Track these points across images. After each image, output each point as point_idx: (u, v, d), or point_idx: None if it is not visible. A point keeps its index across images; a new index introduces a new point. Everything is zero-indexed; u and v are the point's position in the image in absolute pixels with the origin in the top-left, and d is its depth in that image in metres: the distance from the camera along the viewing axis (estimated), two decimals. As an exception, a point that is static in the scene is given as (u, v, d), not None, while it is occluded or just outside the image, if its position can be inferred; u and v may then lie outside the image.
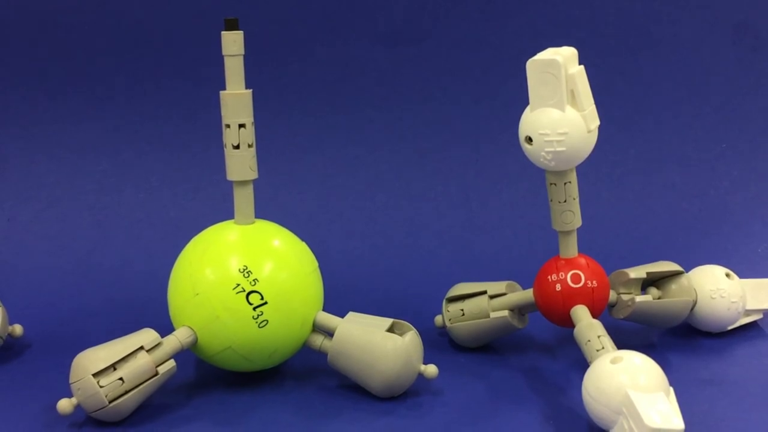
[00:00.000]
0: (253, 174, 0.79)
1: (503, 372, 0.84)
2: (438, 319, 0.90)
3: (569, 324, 0.81)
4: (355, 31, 1.11)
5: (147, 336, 0.76)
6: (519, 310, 0.86)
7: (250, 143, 0.78)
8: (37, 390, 0.80)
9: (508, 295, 0.86)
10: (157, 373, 0.75)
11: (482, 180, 1.12)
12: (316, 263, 0.82)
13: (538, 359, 0.86)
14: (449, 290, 0.89)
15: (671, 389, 0.70)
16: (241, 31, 0.76)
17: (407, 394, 0.79)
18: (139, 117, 1.11)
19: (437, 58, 1.12)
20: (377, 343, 0.77)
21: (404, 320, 0.80)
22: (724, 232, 1.09)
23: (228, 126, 0.78)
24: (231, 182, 0.80)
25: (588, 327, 0.77)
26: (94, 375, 0.72)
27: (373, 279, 1.03)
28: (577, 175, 0.79)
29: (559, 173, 0.78)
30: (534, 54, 0.75)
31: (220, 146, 0.79)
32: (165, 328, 0.78)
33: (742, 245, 1.07)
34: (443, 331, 0.90)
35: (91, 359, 0.73)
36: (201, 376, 0.83)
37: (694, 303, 0.87)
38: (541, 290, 0.83)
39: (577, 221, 0.81)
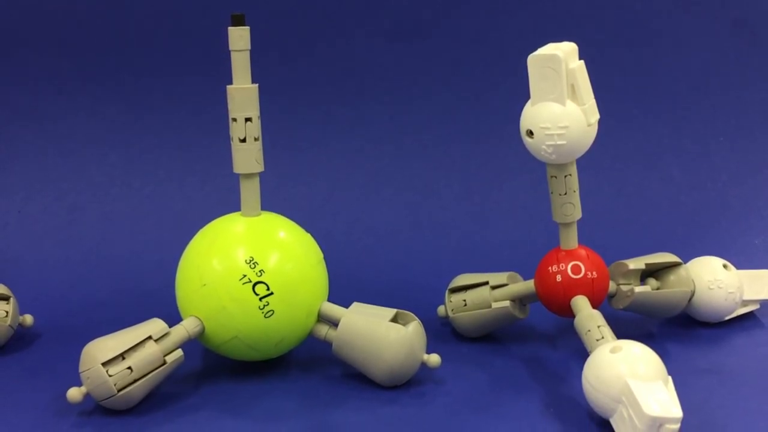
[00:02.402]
0: (259, 167, 0.80)
1: (505, 361, 0.84)
2: (441, 309, 0.91)
3: (569, 314, 0.81)
4: (360, 26, 1.11)
5: (155, 326, 0.76)
6: (520, 301, 0.87)
7: (256, 137, 0.79)
8: (47, 379, 0.81)
9: (509, 286, 0.86)
10: (165, 363, 0.75)
11: (484, 173, 1.13)
12: (321, 254, 0.82)
13: (538, 349, 0.86)
14: (452, 281, 0.90)
15: (670, 378, 0.70)
16: (248, 27, 0.77)
17: (410, 383, 0.79)
18: (147, 111, 1.11)
19: (440, 53, 1.12)
20: (381, 333, 0.77)
21: (408, 310, 0.80)
22: (721, 224, 1.09)
23: (234, 120, 0.78)
24: (237, 175, 0.80)
25: (588, 317, 0.78)
26: (103, 364, 0.73)
27: (377, 270, 1.04)
28: (578, 168, 0.80)
29: (559, 166, 0.79)
30: (535, 49, 0.75)
31: (226, 139, 0.80)
32: (173, 318, 0.79)
33: (739, 237, 1.07)
34: (446, 321, 0.91)
35: (100, 349, 0.74)
36: (208, 365, 0.84)
37: (692, 293, 0.87)
38: (542, 281, 0.83)
39: (577, 213, 0.82)
